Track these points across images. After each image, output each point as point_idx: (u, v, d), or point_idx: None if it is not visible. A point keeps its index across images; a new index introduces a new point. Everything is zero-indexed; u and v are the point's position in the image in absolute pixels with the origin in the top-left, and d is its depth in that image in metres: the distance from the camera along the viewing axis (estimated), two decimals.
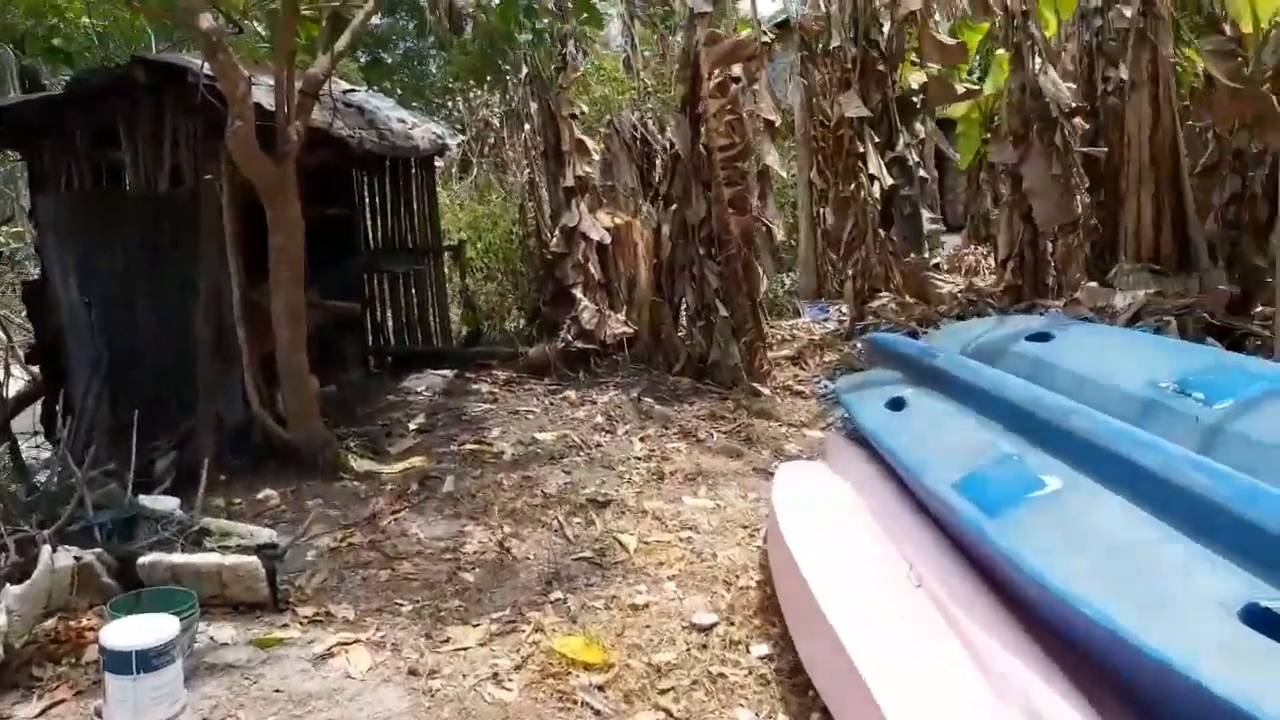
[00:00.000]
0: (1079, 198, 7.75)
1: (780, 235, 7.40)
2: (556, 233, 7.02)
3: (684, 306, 6.94)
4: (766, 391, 6.57)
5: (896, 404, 3.90)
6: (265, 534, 3.75)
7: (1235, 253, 6.87)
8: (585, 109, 8.30)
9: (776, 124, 6.73)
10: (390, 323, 8.10)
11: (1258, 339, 6.58)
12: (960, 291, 7.87)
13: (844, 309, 9.96)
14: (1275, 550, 1.96)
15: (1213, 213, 6.96)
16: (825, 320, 9.82)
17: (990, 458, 2.97)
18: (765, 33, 8.08)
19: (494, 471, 5.03)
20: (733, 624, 3.30)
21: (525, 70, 6.97)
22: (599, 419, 6.03)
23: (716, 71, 6.24)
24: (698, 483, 4.87)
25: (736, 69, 6.26)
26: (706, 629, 3.27)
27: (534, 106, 7.04)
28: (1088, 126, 7.52)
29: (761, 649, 3.12)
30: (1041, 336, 3.95)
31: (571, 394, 6.61)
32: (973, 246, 13.05)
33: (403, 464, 5.20)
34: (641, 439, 5.62)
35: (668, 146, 12.36)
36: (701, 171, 6.51)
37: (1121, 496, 2.45)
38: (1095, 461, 2.64)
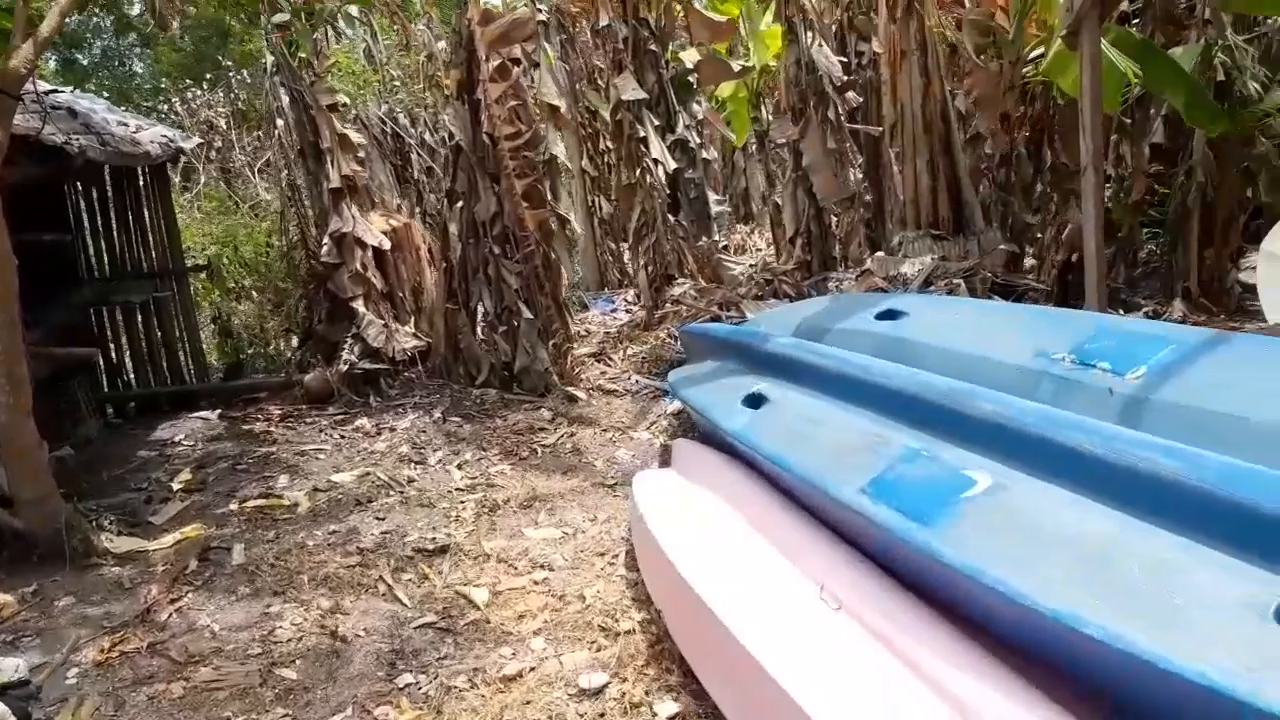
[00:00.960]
0: (854, 171, 7.90)
1: (578, 229, 6.96)
2: (326, 241, 6.19)
3: (482, 312, 6.35)
4: (582, 395, 6.13)
5: (755, 401, 3.58)
6: (7, 666, 2.84)
7: (1007, 213, 7.21)
8: (347, 100, 7.44)
9: (562, 109, 6.26)
10: (130, 362, 6.91)
11: (1036, 292, 6.93)
12: (756, 272, 7.79)
13: (630, 299, 9.72)
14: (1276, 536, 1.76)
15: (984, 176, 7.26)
16: (613, 312, 9.53)
17: (894, 456, 2.68)
18: (540, 9, 7.57)
19: (291, 530, 4.25)
20: (625, 680, 2.83)
21: (271, 59, 6.06)
22: (404, 449, 5.35)
23: (494, 54, 5.68)
24: (536, 509, 4.35)
25: (516, 50, 5.73)
26: (598, 692, 2.79)
27: (285, 100, 6.15)
28: (861, 100, 7.63)
29: (668, 707, 2.67)
30: (891, 314, 3.77)
31: (365, 423, 5.85)
32: (737, 226, 13.28)
33: (173, 536, 4.29)
34: (459, 466, 5.01)
35: (422, 141, 11.74)
36: (487, 163, 5.94)
37: (1065, 488, 2.21)
38: (1021, 451, 2.40)
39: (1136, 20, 6.90)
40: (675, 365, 6.67)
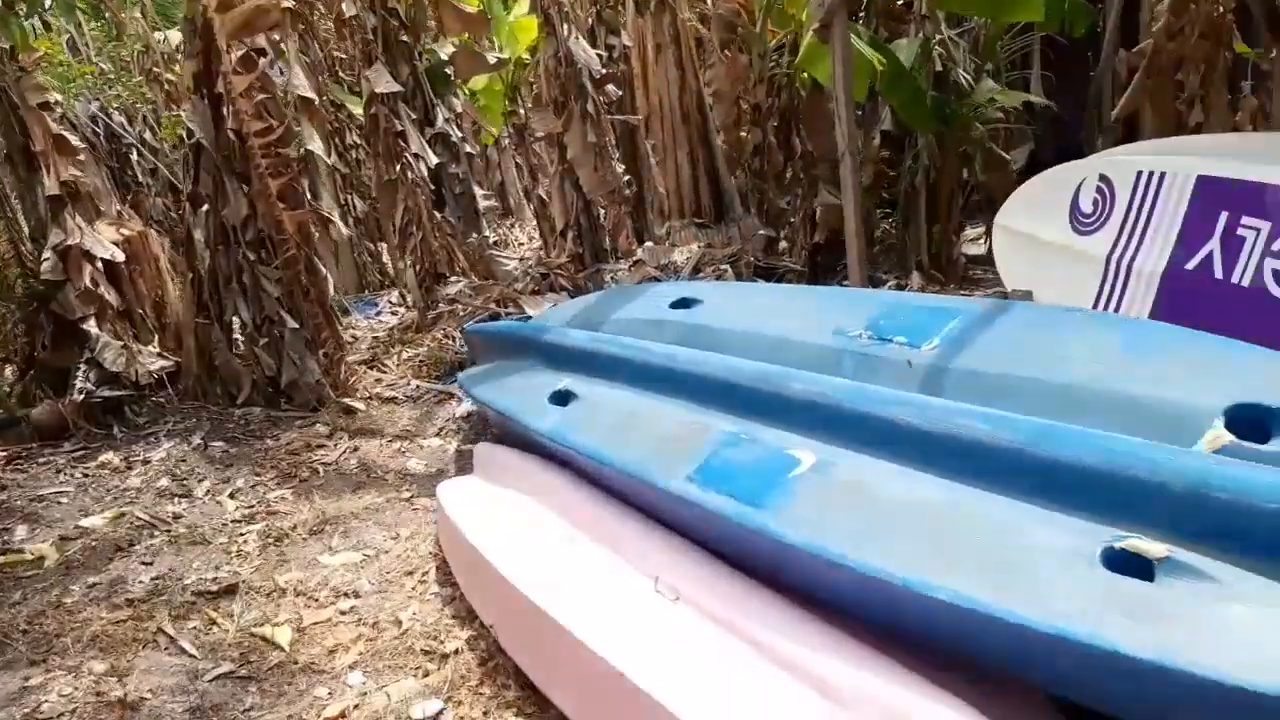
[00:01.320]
0: (615, 164, 8.01)
1: (344, 230, 6.54)
2: (48, 255, 5.43)
3: (239, 324, 5.84)
4: (361, 406, 5.79)
5: (562, 398, 3.52)
6: None
7: (763, 199, 7.58)
8: (60, 96, 6.56)
9: (316, 102, 5.86)
10: None
11: (792, 273, 7.36)
12: (531, 267, 7.71)
13: (395, 301, 9.35)
14: (1093, 488, 1.92)
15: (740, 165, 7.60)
16: (378, 315, 9.13)
17: (715, 442, 2.71)
18: None
19: (42, 588, 3.70)
20: (461, 703, 2.69)
21: None
22: (163, 482, 4.81)
23: (236, 44, 5.21)
24: (328, 533, 4.05)
25: (261, 40, 5.29)
26: None
27: None
28: (620, 93, 7.73)
29: None
30: (685, 303, 3.83)
31: (112, 457, 5.22)
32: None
33: None
34: (232, 496, 4.58)
35: (143, 140, 10.65)
36: (234, 162, 5.45)
37: (888, 460, 2.32)
38: (840, 427, 2.50)
39: (863, 15, 7.47)
40: (457, 367, 6.48)
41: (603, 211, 7.91)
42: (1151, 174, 3.98)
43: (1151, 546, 1.73)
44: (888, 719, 1.89)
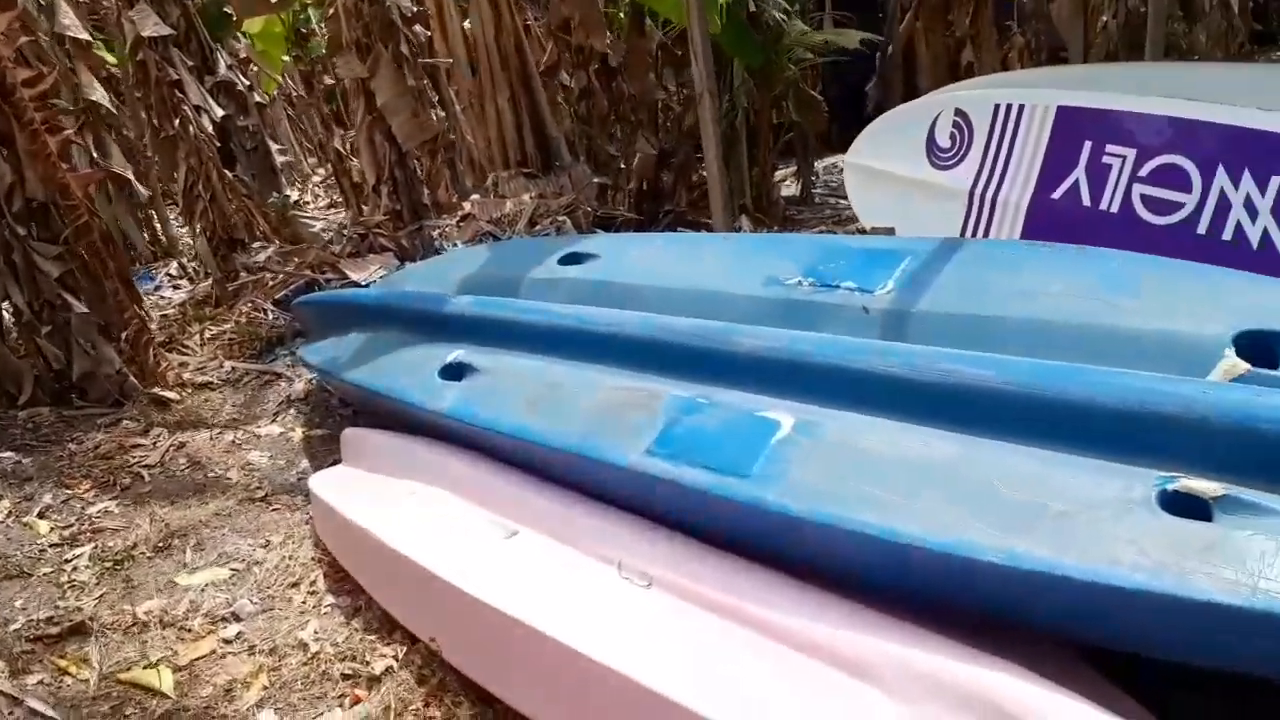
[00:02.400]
0: (433, 111, 7.46)
1: (143, 190, 5.64)
2: None
3: (11, 311, 4.94)
4: (174, 395, 5.08)
5: (455, 372, 3.18)
6: None
7: (591, 145, 7.30)
8: None
9: (90, 44, 4.97)
10: None
11: (629, 221, 7.18)
12: (347, 227, 7.05)
13: (174, 273, 8.38)
14: (1124, 429, 1.86)
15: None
16: (158, 290, 8.12)
17: (670, 409, 2.49)
18: None
19: None
20: None
21: None
22: None
23: None
24: (178, 548, 3.49)
25: None
26: None
27: None
28: (429, 33, 7.17)
29: None
30: (576, 258, 3.56)
31: None
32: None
33: None
34: (41, 515, 3.86)
35: None
36: None
37: (877, 416, 2.19)
38: (805, 383, 2.35)
39: None
40: (276, 343, 5.86)
41: (418, 164, 7.36)
42: (1010, 106, 4.08)
43: (1206, 485, 1.70)
44: (944, 696, 1.78)
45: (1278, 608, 1.49)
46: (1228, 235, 3.35)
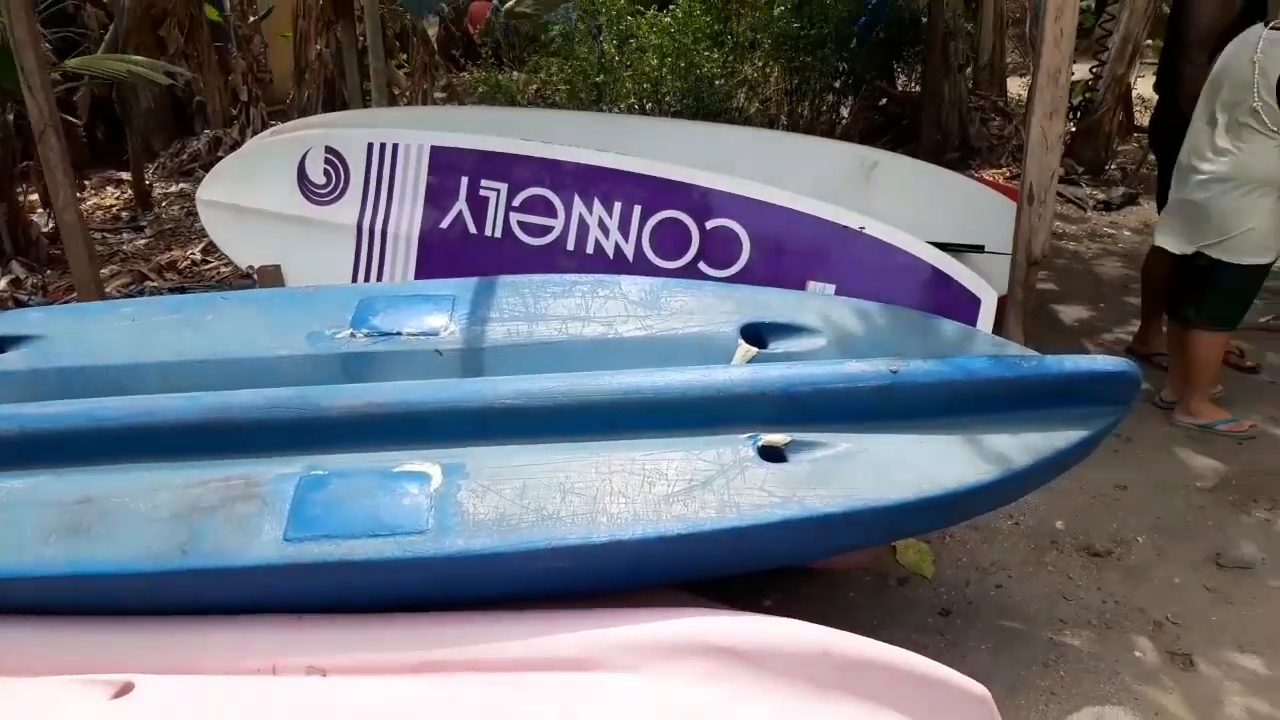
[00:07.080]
0: None
1: None
2: None
3: None
4: None
5: None
6: None
7: None
8: None
9: None
10: None
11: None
12: None
13: None
14: (701, 409, 2.45)
15: None
16: None
17: (283, 491, 2.30)
18: None
19: None
20: None
21: None
22: None
23: None
24: None
25: None
26: None
27: None
28: None
29: None
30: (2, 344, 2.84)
31: None
32: None
33: None
34: None
35: None
36: None
37: (501, 445, 2.38)
38: (424, 432, 2.42)
39: None
40: None
41: None
42: (384, 145, 4.42)
43: (777, 436, 2.40)
44: (661, 652, 2.17)
45: (857, 506, 2.26)
46: (590, 250, 4.24)
